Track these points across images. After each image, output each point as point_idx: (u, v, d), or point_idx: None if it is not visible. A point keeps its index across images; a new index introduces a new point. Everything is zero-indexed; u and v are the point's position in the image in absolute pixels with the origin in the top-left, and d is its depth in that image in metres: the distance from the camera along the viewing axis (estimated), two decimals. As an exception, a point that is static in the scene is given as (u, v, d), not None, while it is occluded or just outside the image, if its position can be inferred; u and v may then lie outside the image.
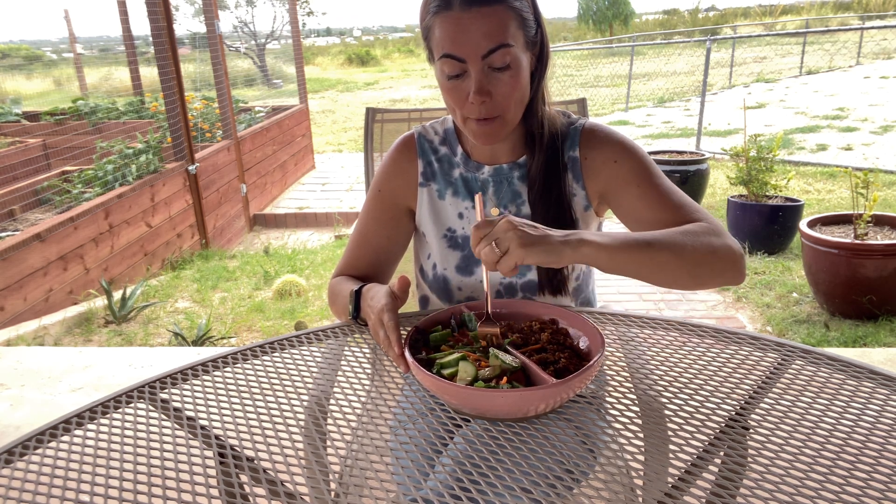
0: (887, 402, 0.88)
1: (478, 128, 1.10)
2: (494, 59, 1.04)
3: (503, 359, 0.91)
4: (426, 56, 1.16)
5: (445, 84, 1.09)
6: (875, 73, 13.85)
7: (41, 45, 23.64)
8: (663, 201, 1.11)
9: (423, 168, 1.26)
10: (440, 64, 1.07)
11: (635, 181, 1.14)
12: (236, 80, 10.61)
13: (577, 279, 1.23)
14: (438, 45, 1.07)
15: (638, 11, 31.38)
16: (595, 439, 0.88)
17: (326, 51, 31.08)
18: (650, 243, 0.99)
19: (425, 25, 1.10)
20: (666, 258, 1.00)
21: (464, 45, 1.03)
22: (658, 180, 1.13)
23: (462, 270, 1.23)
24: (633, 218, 1.15)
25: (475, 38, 1.03)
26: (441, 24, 1.05)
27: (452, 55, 1.05)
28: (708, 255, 1.02)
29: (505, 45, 1.04)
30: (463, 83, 1.07)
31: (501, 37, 1.04)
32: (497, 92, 1.06)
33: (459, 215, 1.23)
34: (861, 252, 3.09)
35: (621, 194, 1.16)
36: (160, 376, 1.06)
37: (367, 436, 0.89)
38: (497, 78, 1.06)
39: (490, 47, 1.03)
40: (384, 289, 1.08)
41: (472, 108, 1.07)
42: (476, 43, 1.03)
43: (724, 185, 5.76)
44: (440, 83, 1.11)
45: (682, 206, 1.11)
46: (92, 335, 3.46)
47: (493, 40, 1.03)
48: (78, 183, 4.80)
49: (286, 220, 6.27)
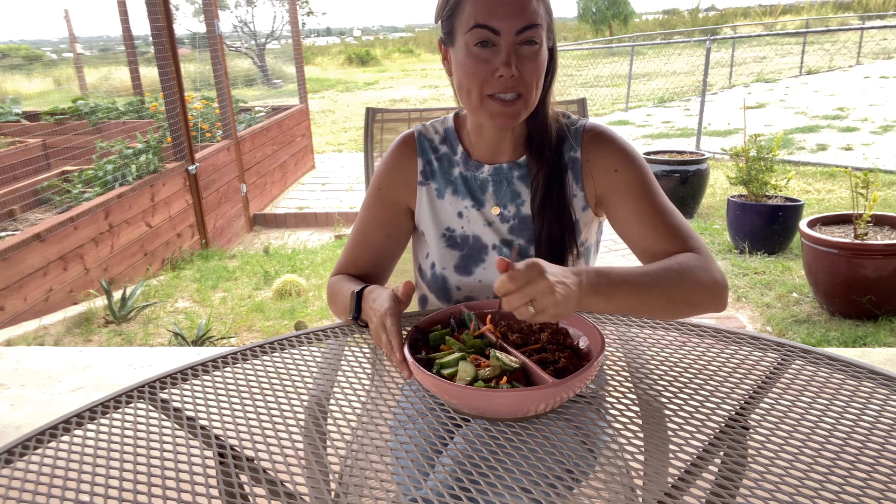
0: (887, 402, 0.88)
1: (500, 107, 1.09)
2: (527, 35, 1.06)
3: (503, 359, 0.91)
4: (440, 40, 1.16)
5: (468, 60, 1.08)
6: (875, 73, 13.85)
7: (41, 45, 23.64)
8: (658, 222, 1.12)
9: (422, 167, 1.25)
10: (469, 36, 1.07)
11: (633, 195, 1.14)
12: (236, 80, 10.61)
13: None
14: (470, 17, 1.06)
15: (638, 11, 31.39)
16: (595, 439, 0.88)
17: (326, 51, 31.08)
18: (649, 288, 1.01)
19: (453, 2, 1.10)
20: (659, 303, 1.03)
21: (500, 17, 1.05)
22: (656, 197, 1.14)
23: (461, 270, 1.23)
24: (625, 232, 1.16)
25: (513, 11, 1.05)
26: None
27: (487, 25, 1.05)
28: (695, 294, 1.05)
29: (537, 24, 1.06)
30: (491, 57, 1.07)
31: (536, 17, 1.06)
32: (524, 69, 1.07)
33: (459, 214, 1.23)
34: (861, 252, 3.09)
35: (617, 204, 1.16)
36: (160, 376, 1.06)
37: (367, 436, 0.89)
38: (525, 56, 1.07)
39: (526, 24, 1.05)
40: (387, 292, 1.07)
41: (497, 82, 1.07)
42: (512, 16, 1.05)
43: (724, 185, 5.76)
44: (460, 62, 1.10)
45: (676, 232, 1.12)
46: (92, 335, 3.46)
47: (528, 18, 1.05)
48: (78, 183, 4.80)
49: (286, 220, 6.27)
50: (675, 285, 1.03)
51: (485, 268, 1.22)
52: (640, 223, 1.13)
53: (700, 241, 1.12)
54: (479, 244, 1.22)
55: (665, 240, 1.11)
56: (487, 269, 1.22)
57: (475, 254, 1.22)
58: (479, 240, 1.22)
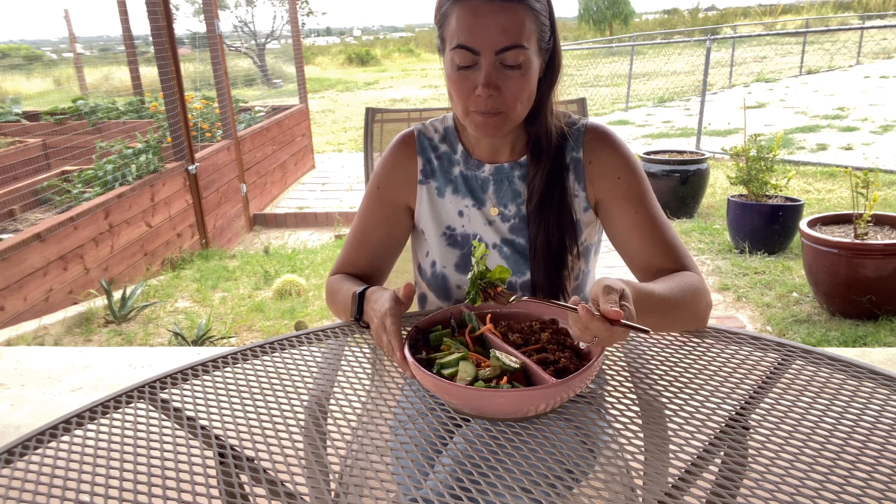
0: (887, 402, 0.88)
1: (481, 119, 1.09)
2: (507, 56, 1.04)
3: (503, 359, 0.91)
4: (436, 45, 1.15)
5: (453, 75, 1.08)
6: (875, 73, 13.85)
7: (41, 45, 23.62)
8: (657, 238, 1.13)
9: (422, 165, 1.25)
10: (452, 54, 1.06)
11: (633, 205, 1.15)
12: (236, 79, 10.61)
13: (576, 278, 1.23)
14: (453, 35, 1.05)
15: (638, 11, 31.41)
16: (595, 439, 0.88)
17: (326, 50, 31.07)
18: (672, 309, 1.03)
19: (442, 13, 1.09)
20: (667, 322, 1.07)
21: (480, 37, 1.03)
22: (654, 210, 1.15)
23: (461, 269, 1.23)
24: (622, 242, 1.17)
25: (492, 31, 1.02)
26: (459, 13, 1.04)
27: (466, 46, 1.04)
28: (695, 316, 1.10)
29: (519, 45, 1.04)
30: (472, 75, 1.06)
31: (518, 36, 1.03)
32: (505, 88, 1.06)
33: (459, 213, 1.23)
34: (861, 252, 3.09)
35: (616, 212, 1.16)
36: (160, 376, 1.06)
37: (367, 436, 0.89)
38: (507, 75, 1.05)
39: (505, 44, 1.03)
40: (388, 293, 1.07)
41: (477, 100, 1.07)
42: (492, 37, 1.03)
43: (724, 185, 5.76)
44: (447, 74, 1.10)
45: (672, 248, 1.13)
46: (92, 335, 3.46)
47: (509, 38, 1.03)
48: (78, 183, 4.80)
49: (286, 219, 6.27)
50: (687, 307, 1.06)
51: None
52: (639, 236, 1.14)
53: (691, 258, 1.15)
54: None
55: (663, 256, 1.13)
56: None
57: None
58: (480, 239, 1.22)
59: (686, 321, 1.10)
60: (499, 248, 1.21)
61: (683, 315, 1.08)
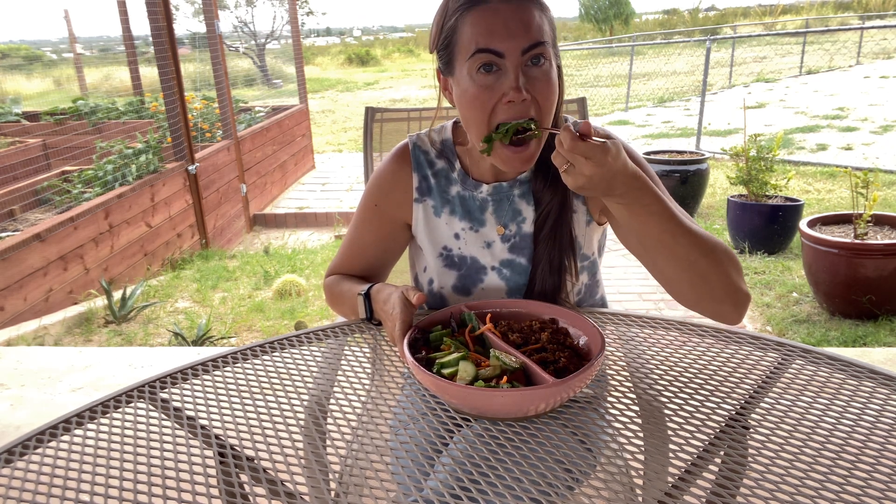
0: (887, 402, 0.88)
1: (513, 154, 1.01)
2: (534, 54, 0.97)
3: (503, 359, 0.91)
4: (439, 67, 1.08)
5: (471, 89, 1.00)
6: (875, 73, 13.85)
7: (41, 45, 23.64)
8: None
9: (417, 182, 1.20)
10: (470, 63, 0.99)
11: None
12: (236, 80, 10.61)
13: (577, 293, 1.22)
14: (469, 42, 0.98)
15: (638, 11, 31.40)
16: (595, 439, 0.88)
17: (326, 51, 31.08)
18: (683, 234, 0.94)
19: (449, 27, 1.02)
20: (679, 253, 0.95)
21: (503, 38, 0.96)
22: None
23: (459, 290, 1.20)
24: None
25: (516, 30, 0.96)
26: (475, 18, 0.98)
27: (489, 49, 0.97)
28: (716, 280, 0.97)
29: (543, 42, 0.98)
30: (495, 84, 0.98)
31: (541, 33, 0.98)
32: (536, 91, 0.98)
33: (455, 236, 1.19)
34: (861, 252, 3.09)
35: None
36: (160, 376, 1.06)
37: (367, 436, 0.89)
38: (535, 77, 0.99)
39: (531, 42, 0.97)
40: (396, 293, 1.05)
41: (507, 108, 0.99)
42: (516, 37, 0.96)
43: (724, 185, 5.76)
44: (464, 91, 1.01)
45: None
46: (92, 335, 3.46)
47: (534, 35, 0.97)
48: (78, 183, 4.80)
49: (286, 220, 6.27)
50: (704, 254, 0.95)
51: (483, 288, 1.19)
52: None
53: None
54: (476, 265, 1.19)
55: None
56: (486, 290, 1.19)
57: (473, 274, 1.19)
58: (477, 261, 1.19)
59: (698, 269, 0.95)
60: (497, 270, 1.18)
61: (697, 258, 0.94)
